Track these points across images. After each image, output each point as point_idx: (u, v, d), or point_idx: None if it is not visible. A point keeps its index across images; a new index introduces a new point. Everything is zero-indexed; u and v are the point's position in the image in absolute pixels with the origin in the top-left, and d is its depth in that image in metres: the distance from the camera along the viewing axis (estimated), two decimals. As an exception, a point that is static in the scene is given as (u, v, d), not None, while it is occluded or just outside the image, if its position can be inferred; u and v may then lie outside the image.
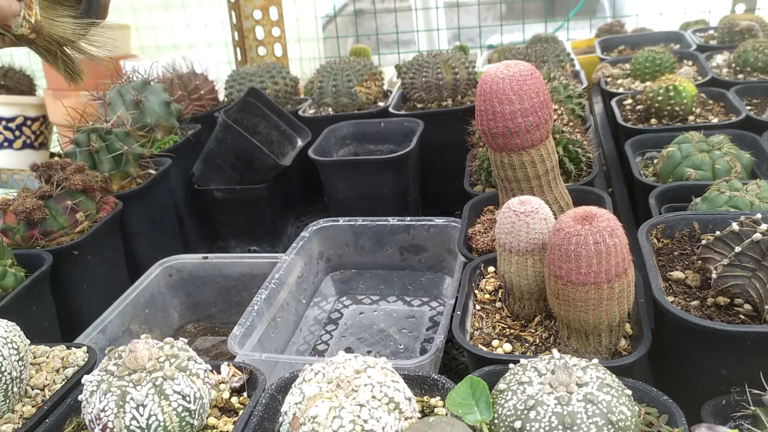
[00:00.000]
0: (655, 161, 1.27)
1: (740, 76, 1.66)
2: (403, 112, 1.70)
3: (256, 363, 0.90)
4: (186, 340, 0.78)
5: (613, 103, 1.54)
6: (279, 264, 1.24)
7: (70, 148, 1.42)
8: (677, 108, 1.41)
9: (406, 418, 0.66)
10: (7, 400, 0.81)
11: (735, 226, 0.82)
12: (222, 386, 0.82)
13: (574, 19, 3.10)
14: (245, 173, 1.59)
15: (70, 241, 1.23)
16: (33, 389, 0.85)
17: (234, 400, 0.81)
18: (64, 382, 0.86)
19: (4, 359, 0.78)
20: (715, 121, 1.40)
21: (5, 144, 2.26)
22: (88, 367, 0.89)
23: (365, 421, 0.62)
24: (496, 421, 0.63)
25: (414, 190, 1.60)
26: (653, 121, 1.45)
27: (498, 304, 0.94)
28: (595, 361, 0.65)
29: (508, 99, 0.90)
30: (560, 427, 0.58)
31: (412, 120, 1.63)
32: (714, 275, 0.83)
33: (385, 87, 1.91)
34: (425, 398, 0.76)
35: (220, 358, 0.91)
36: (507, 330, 0.90)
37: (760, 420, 0.68)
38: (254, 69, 1.94)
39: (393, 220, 1.35)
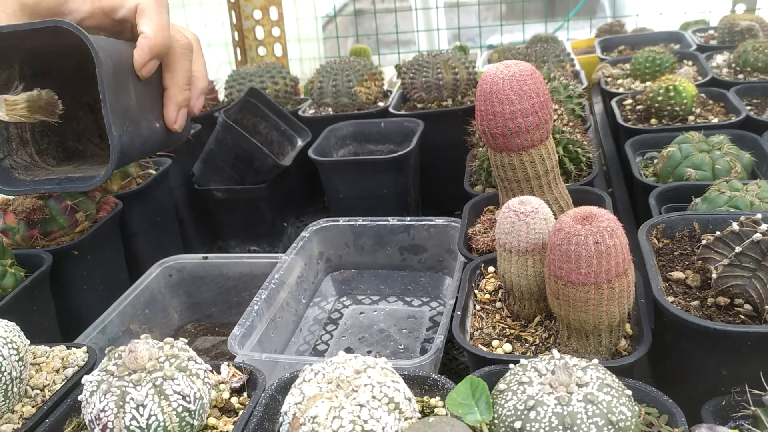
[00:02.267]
0: (655, 161, 1.27)
1: (740, 76, 1.66)
2: (403, 112, 1.70)
3: (256, 363, 0.90)
4: (186, 340, 0.77)
5: (613, 103, 1.54)
6: (279, 264, 1.24)
7: (70, 148, 1.42)
8: (677, 108, 1.41)
9: (406, 418, 0.66)
10: (7, 401, 0.80)
11: (735, 226, 0.82)
12: (222, 386, 0.82)
13: (574, 19, 3.10)
14: (245, 173, 1.59)
15: (70, 241, 1.23)
16: (33, 389, 0.85)
17: (234, 400, 0.81)
18: (64, 382, 0.86)
19: (4, 359, 0.78)
20: (715, 121, 1.40)
21: (5, 144, 2.25)
22: (88, 367, 0.89)
23: (365, 422, 0.62)
24: (496, 421, 0.63)
25: (414, 190, 1.60)
26: (653, 121, 1.45)
27: (498, 304, 0.94)
28: (595, 361, 0.65)
29: (508, 99, 0.90)
30: (560, 427, 0.58)
31: (412, 120, 1.63)
32: (714, 275, 0.83)
33: (385, 87, 1.91)
34: (425, 398, 0.76)
35: (220, 358, 0.91)
36: (507, 330, 0.90)
37: (760, 420, 0.68)
38: (254, 69, 1.94)
39: (393, 220, 1.35)
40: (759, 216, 0.82)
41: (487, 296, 0.96)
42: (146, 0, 0.74)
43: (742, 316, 0.80)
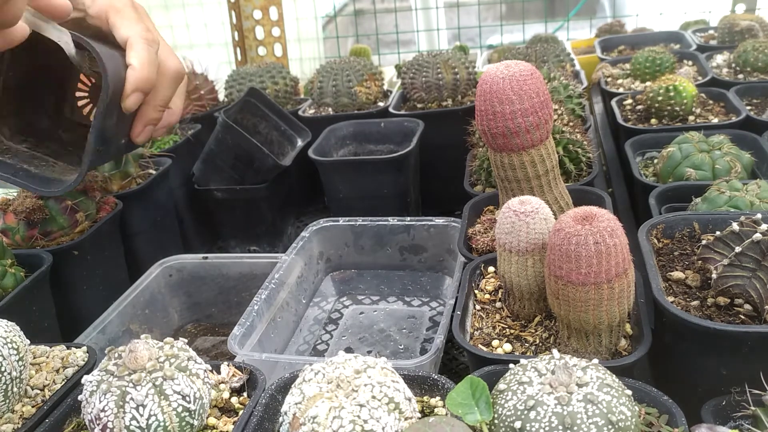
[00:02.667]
0: (655, 161, 1.27)
1: (740, 76, 1.66)
2: (403, 112, 1.70)
3: (256, 363, 0.90)
4: (186, 340, 0.78)
5: (613, 103, 1.54)
6: (279, 264, 1.24)
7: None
8: (677, 108, 1.41)
9: (406, 418, 0.66)
10: (7, 400, 0.81)
11: (735, 226, 0.82)
12: (222, 386, 0.82)
13: (574, 19, 3.10)
14: (245, 173, 1.59)
15: (70, 241, 1.23)
16: (33, 389, 0.85)
17: (234, 400, 0.81)
18: (64, 382, 0.86)
19: (4, 359, 0.78)
20: (715, 121, 1.40)
21: (5, 144, 2.25)
22: (88, 367, 0.89)
23: (365, 422, 0.62)
24: (496, 421, 0.63)
25: (414, 190, 1.60)
26: (653, 121, 1.45)
27: (498, 304, 0.94)
28: (595, 361, 0.65)
29: (508, 99, 0.90)
30: (560, 427, 0.58)
31: (412, 120, 1.63)
32: (714, 275, 0.83)
33: (385, 87, 1.91)
34: (425, 398, 0.76)
35: (220, 358, 0.91)
36: (507, 330, 0.90)
37: (760, 420, 0.68)
38: (254, 69, 1.94)
39: (393, 220, 1.35)
40: (759, 216, 0.82)
41: (487, 296, 0.96)
42: (136, 35, 0.75)
43: (742, 316, 0.81)
